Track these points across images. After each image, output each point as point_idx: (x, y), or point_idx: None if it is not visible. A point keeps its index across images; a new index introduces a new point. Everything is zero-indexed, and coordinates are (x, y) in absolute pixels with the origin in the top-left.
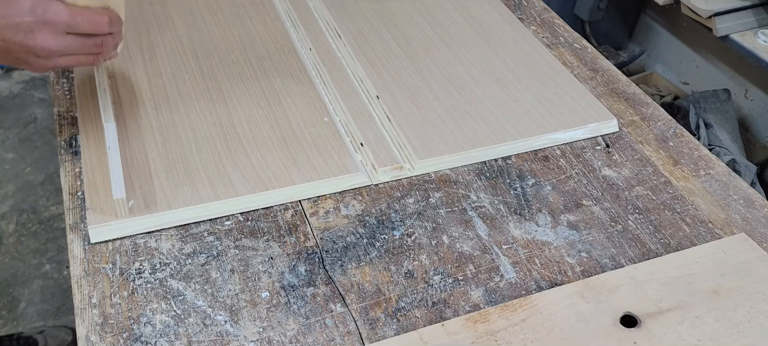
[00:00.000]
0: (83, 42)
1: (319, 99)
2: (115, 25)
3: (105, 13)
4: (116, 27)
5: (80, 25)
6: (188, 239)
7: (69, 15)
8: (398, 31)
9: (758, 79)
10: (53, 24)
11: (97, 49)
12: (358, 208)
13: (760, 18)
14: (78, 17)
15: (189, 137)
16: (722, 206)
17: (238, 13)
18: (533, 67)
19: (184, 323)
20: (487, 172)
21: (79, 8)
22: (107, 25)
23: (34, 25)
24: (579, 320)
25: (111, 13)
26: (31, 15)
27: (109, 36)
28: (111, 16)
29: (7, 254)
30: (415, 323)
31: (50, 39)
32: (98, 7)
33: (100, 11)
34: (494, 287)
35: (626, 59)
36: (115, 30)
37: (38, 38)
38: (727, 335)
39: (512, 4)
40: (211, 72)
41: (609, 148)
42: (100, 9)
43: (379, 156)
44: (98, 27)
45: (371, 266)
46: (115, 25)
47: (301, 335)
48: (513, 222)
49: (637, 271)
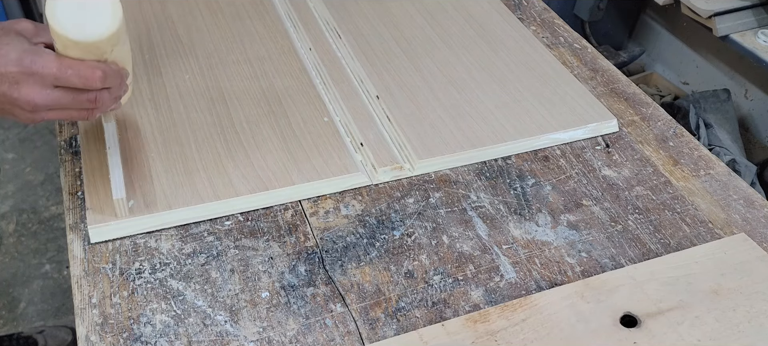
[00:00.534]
0: (74, 96)
1: (319, 99)
2: (112, 79)
3: (98, 67)
4: (113, 81)
5: (69, 79)
6: (188, 239)
7: (58, 67)
8: (398, 31)
9: (758, 79)
10: (40, 76)
11: (90, 104)
12: (358, 208)
13: (760, 18)
14: (68, 70)
15: (189, 137)
16: (722, 206)
17: (238, 13)
18: (533, 67)
19: (184, 323)
20: (487, 172)
21: (70, 60)
22: (99, 80)
23: (20, 77)
24: (579, 320)
25: (107, 66)
26: (17, 65)
27: (104, 91)
28: (106, 70)
29: (7, 254)
30: (415, 323)
31: (35, 92)
32: (93, 59)
33: (93, 65)
34: (494, 287)
35: (626, 59)
36: (112, 84)
37: (23, 90)
38: (727, 335)
39: (512, 4)
40: (211, 72)
41: (609, 148)
42: (94, 62)
43: (379, 156)
44: (89, 82)
45: (371, 266)
46: (112, 79)
47: (301, 335)
48: (513, 222)
49: (637, 271)
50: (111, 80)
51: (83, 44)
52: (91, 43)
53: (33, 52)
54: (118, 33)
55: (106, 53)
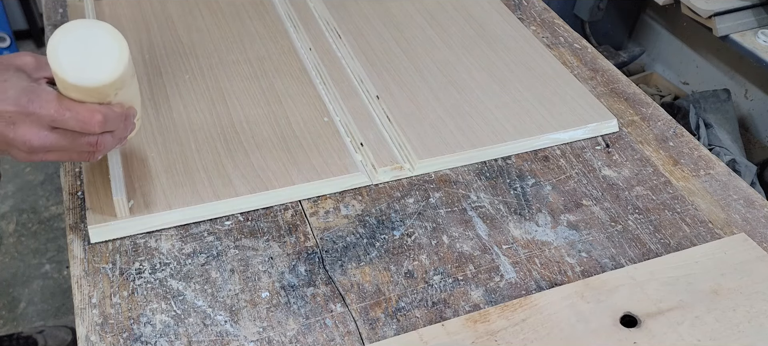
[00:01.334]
0: (73, 139)
1: (319, 99)
2: (114, 122)
3: (98, 110)
4: (115, 124)
5: (67, 122)
6: (188, 239)
7: (56, 109)
8: (398, 31)
9: (758, 79)
10: (37, 117)
11: (90, 147)
12: (358, 208)
13: (760, 18)
14: (66, 113)
15: (189, 137)
16: (722, 206)
17: (238, 13)
18: (533, 67)
19: (184, 323)
20: (487, 172)
21: (69, 102)
22: (99, 125)
23: (16, 116)
24: (579, 320)
25: (109, 110)
26: (15, 104)
27: (106, 134)
28: (108, 113)
29: (7, 254)
30: (415, 323)
31: (32, 133)
32: (95, 101)
33: (93, 108)
34: (494, 287)
35: (626, 59)
36: (114, 127)
37: (19, 131)
38: (727, 335)
39: (512, 4)
40: (211, 72)
41: (609, 148)
42: (94, 106)
43: (379, 156)
44: (87, 126)
45: (371, 266)
46: (113, 123)
47: (301, 335)
48: (513, 222)
49: (637, 271)
50: (112, 124)
51: (84, 88)
52: (92, 88)
53: (31, 91)
54: (122, 77)
55: (109, 97)
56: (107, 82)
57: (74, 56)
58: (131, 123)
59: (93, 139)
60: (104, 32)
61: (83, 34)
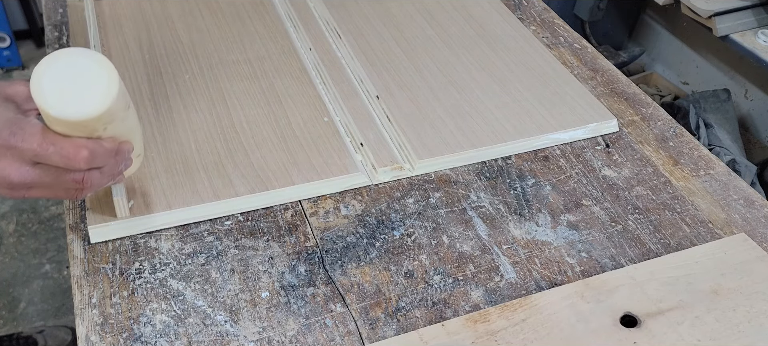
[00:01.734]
0: (57, 175)
1: (319, 99)
2: (102, 158)
3: (84, 146)
4: (103, 161)
5: (50, 158)
6: (188, 239)
7: (39, 143)
8: (398, 31)
9: (758, 79)
10: (19, 151)
11: (76, 184)
12: (358, 208)
13: (760, 18)
14: (49, 148)
15: (189, 137)
16: (722, 206)
17: (238, 13)
18: (533, 67)
19: (184, 323)
20: (487, 172)
21: (54, 136)
22: (84, 161)
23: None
24: (579, 320)
25: (97, 145)
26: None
27: (94, 171)
28: (95, 149)
29: (7, 254)
30: (415, 323)
31: (12, 168)
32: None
33: (78, 143)
34: (494, 287)
35: (626, 59)
36: (103, 163)
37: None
38: (727, 335)
39: (512, 4)
40: (211, 72)
41: (609, 148)
42: (81, 140)
43: (379, 156)
44: (71, 162)
45: (371, 266)
46: (102, 159)
47: (301, 335)
48: (513, 222)
49: (637, 271)
50: (101, 160)
51: (68, 122)
52: (77, 122)
53: (15, 124)
54: (110, 111)
55: (97, 131)
56: (93, 115)
57: (59, 88)
58: (125, 159)
59: (79, 176)
60: (93, 62)
61: (70, 63)
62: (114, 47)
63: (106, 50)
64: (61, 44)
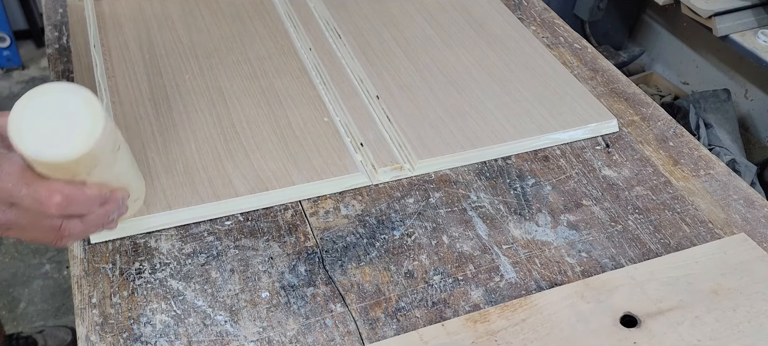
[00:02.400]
0: (33, 219)
1: (319, 99)
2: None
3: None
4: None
5: (22, 199)
6: (188, 239)
7: (13, 184)
8: (398, 31)
9: (758, 79)
10: None
11: (53, 231)
12: (358, 208)
13: (760, 18)
14: (22, 189)
15: (189, 137)
16: (722, 206)
17: (238, 13)
18: (533, 67)
19: (184, 323)
20: (487, 172)
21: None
22: (56, 207)
23: None
24: (579, 320)
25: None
26: None
27: (74, 219)
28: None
29: (7, 254)
30: (415, 323)
31: None
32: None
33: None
34: (494, 287)
35: (626, 59)
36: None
37: None
38: (727, 335)
39: (512, 4)
40: (211, 72)
41: (609, 148)
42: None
43: (379, 156)
44: (43, 207)
45: (371, 266)
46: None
47: (301, 335)
48: (513, 222)
49: (637, 271)
50: (79, 207)
51: (45, 164)
52: (54, 164)
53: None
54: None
55: (80, 175)
56: (72, 158)
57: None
58: (119, 208)
59: (55, 223)
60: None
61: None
62: (114, 47)
63: (106, 50)
64: (61, 44)
